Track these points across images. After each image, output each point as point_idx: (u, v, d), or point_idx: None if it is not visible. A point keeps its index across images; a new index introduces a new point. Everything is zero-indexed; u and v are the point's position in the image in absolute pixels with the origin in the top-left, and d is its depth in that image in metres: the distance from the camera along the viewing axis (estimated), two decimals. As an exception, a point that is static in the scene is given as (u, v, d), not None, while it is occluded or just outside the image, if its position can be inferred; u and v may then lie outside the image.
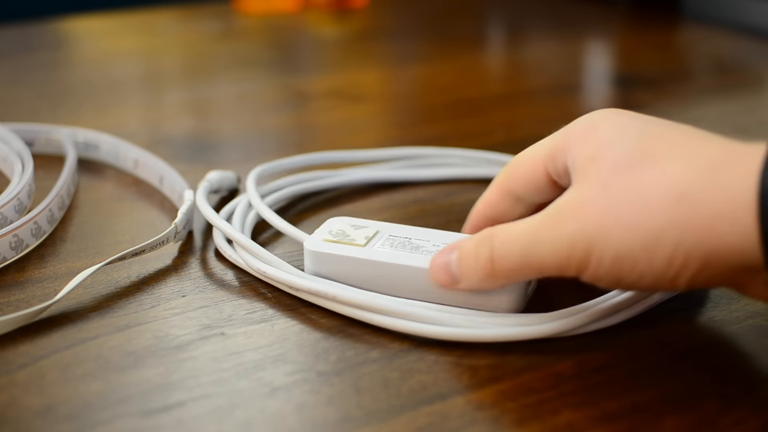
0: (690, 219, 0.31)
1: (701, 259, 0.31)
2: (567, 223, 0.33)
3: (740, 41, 0.88)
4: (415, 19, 1.03)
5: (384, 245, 0.40)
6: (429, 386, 0.34)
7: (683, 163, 0.32)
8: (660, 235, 0.31)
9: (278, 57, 0.88)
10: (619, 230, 0.32)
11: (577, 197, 0.33)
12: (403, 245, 0.40)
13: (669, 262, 0.32)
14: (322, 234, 0.41)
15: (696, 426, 0.32)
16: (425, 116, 0.69)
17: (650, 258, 0.32)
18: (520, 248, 0.34)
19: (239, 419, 0.32)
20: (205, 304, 0.40)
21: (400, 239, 0.40)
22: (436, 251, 0.39)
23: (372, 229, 0.41)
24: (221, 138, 0.63)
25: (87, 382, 0.34)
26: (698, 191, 0.31)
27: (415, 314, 0.37)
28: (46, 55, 0.85)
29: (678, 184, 0.31)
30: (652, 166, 0.32)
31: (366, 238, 0.40)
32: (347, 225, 0.42)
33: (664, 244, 0.31)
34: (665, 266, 0.32)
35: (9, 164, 0.51)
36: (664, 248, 0.31)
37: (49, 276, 0.42)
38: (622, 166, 0.33)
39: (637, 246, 0.32)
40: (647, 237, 0.32)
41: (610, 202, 0.32)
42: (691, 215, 0.31)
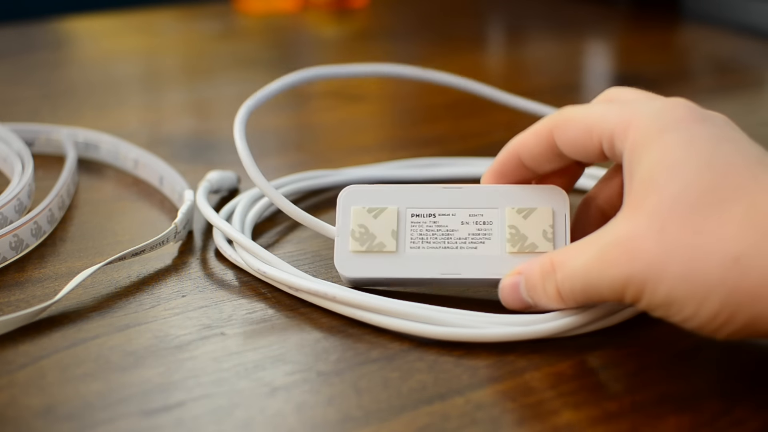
0: (741, 283, 0.31)
1: (746, 320, 0.32)
2: (621, 264, 0.33)
3: (740, 41, 0.88)
4: (415, 19, 1.03)
5: (415, 241, 0.39)
6: (429, 386, 0.34)
7: (744, 218, 0.32)
8: (710, 291, 0.31)
9: (278, 57, 0.88)
10: (669, 279, 0.32)
11: (632, 233, 0.33)
12: (434, 235, 0.39)
13: (714, 317, 0.32)
14: (345, 239, 0.39)
15: (696, 426, 0.32)
16: (425, 116, 0.69)
17: (697, 309, 0.32)
18: (581, 285, 0.35)
19: (239, 419, 0.32)
20: (205, 304, 0.40)
21: (427, 224, 0.39)
22: (470, 238, 0.39)
23: (391, 213, 0.40)
24: (221, 138, 0.63)
25: (87, 382, 0.34)
26: (754, 256, 0.31)
27: (415, 314, 0.37)
28: (46, 55, 0.85)
29: (735, 244, 0.31)
30: (713, 215, 0.32)
31: (393, 234, 0.39)
32: (365, 213, 0.40)
33: (712, 300, 0.31)
34: (710, 319, 0.32)
35: (9, 164, 0.51)
36: (711, 304, 0.32)
37: (49, 276, 0.42)
38: (682, 206, 0.32)
39: (687, 296, 0.32)
40: (697, 290, 0.32)
41: (665, 249, 0.32)
42: (743, 279, 0.31)
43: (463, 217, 0.40)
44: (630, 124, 0.35)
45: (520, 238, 0.39)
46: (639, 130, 0.35)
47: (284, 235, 0.46)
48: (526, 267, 0.37)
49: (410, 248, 0.39)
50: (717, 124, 0.34)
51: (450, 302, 0.39)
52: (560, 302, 0.36)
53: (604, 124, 0.36)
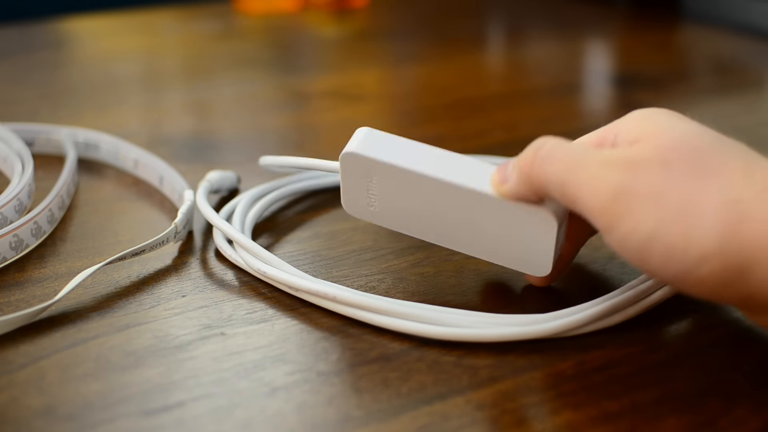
0: (739, 226, 0.31)
1: (736, 269, 0.31)
2: (620, 172, 0.32)
3: (740, 41, 0.88)
4: (414, 19, 1.03)
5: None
6: (429, 386, 0.34)
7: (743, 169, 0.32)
8: (705, 230, 0.31)
9: (278, 57, 0.88)
10: (665, 211, 0.31)
11: (636, 155, 0.33)
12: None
13: (703, 260, 0.31)
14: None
15: (696, 426, 0.32)
16: (425, 116, 0.69)
17: (686, 249, 0.31)
18: (563, 162, 0.33)
19: (239, 419, 0.32)
20: (205, 304, 0.40)
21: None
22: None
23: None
24: (221, 138, 0.63)
25: (87, 382, 0.34)
26: (754, 201, 0.31)
27: (415, 314, 0.37)
28: (47, 55, 0.85)
29: (736, 189, 0.31)
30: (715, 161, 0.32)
31: None
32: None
33: (706, 239, 0.31)
34: (698, 262, 0.31)
35: (9, 164, 0.51)
36: (704, 243, 0.31)
37: (49, 276, 0.42)
38: (686, 145, 0.32)
39: (679, 233, 0.31)
40: (692, 228, 0.31)
41: (666, 180, 0.32)
42: (740, 223, 0.31)
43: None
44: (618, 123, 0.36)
45: None
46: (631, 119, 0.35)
47: (284, 235, 0.46)
48: None
49: None
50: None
51: (450, 302, 0.39)
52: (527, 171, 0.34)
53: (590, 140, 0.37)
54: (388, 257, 0.44)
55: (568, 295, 0.40)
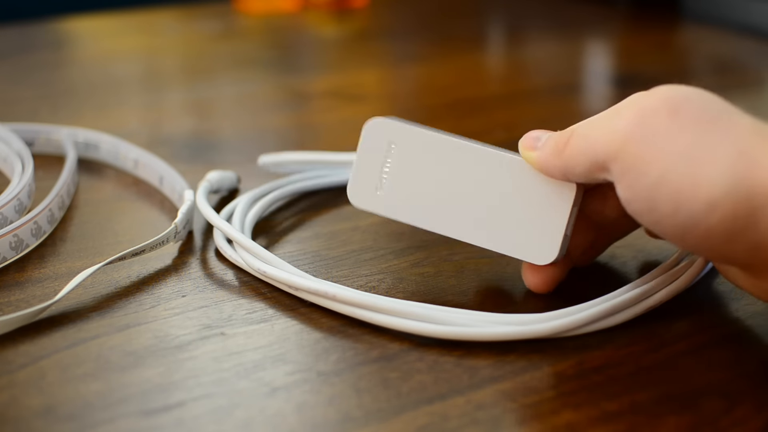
0: (748, 173, 0.31)
1: (745, 216, 0.31)
2: (629, 118, 0.34)
3: (740, 41, 0.88)
4: (415, 19, 1.03)
5: None
6: (429, 386, 0.34)
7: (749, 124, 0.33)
8: (714, 176, 0.31)
9: (278, 57, 0.88)
10: (673, 156, 0.32)
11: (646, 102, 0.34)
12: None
13: (712, 205, 0.31)
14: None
15: (696, 426, 0.32)
16: (425, 116, 0.69)
17: (694, 194, 0.32)
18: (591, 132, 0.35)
19: (239, 419, 0.32)
20: (205, 304, 0.40)
21: None
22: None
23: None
24: (221, 138, 0.63)
25: (87, 382, 0.34)
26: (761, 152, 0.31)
27: (415, 314, 0.37)
28: (46, 55, 0.85)
29: (742, 141, 0.32)
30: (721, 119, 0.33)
31: None
32: None
33: (715, 185, 0.31)
34: (707, 207, 0.32)
35: (9, 164, 0.51)
36: (713, 188, 0.31)
37: (49, 276, 0.42)
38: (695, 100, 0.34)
39: (688, 177, 0.32)
40: (701, 173, 0.32)
41: (674, 126, 0.33)
42: (750, 170, 0.31)
43: None
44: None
45: None
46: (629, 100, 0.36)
47: (284, 235, 0.46)
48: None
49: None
50: None
51: (450, 302, 0.39)
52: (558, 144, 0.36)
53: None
54: (388, 257, 0.44)
55: (568, 295, 0.40)
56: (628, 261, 0.43)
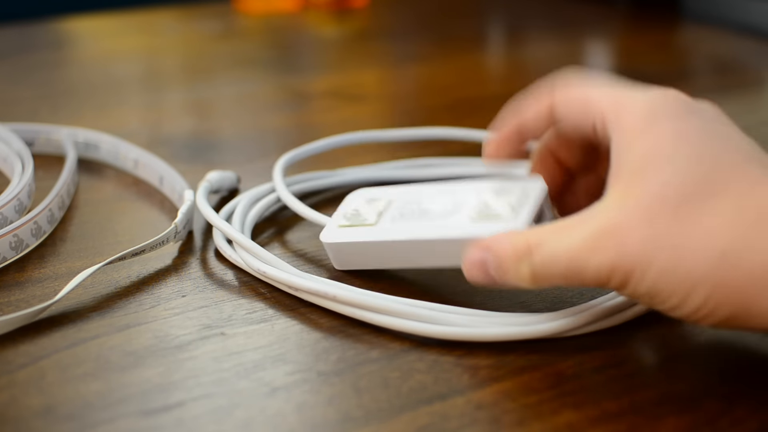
0: (728, 278, 0.31)
1: (731, 313, 0.32)
2: (609, 252, 0.33)
3: (740, 41, 0.88)
4: (415, 19, 1.02)
5: (394, 218, 0.40)
6: (429, 386, 0.34)
7: (732, 212, 0.31)
8: (696, 285, 0.31)
9: (278, 57, 0.88)
10: (656, 270, 0.32)
11: (621, 221, 0.33)
12: (412, 213, 0.40)
13: (699, 308, 0.32)
14: (337, 219, 0.42)
15: (696, 426, 0.32)
16: (425, 116, 0.69)
17: (682, 300, 0.32)
18: (563, 269, 0.34)
19: (239, 419, 0.32)
20: (205, 304, 0.40)
21: (410, 206, 0.41)
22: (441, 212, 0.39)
23: (385, 200, 0.42)
24: (221, 138, 0.63)
25: (87, 382, 0.34)
26: (741, 250, 0.31)
27: (415, 314, 0.37)
28: (46, 55, 0.85)
29: (722, 239, 0.31)
30: (702, 209, 0.32)
31: (378, 214, 0.41)
32: (363, 200, 0.42)
33: (697, 293, 0.32)
34: (695, 310, 0.32)
35: (9, 164, 0.51)
36: (697, 296, 0.32)
37: (49, 276, 0.42)
38: (671, 198, 0.32)
39: (672, 288, 0.32)
40: (683, 283, 0.32)
41: (653, 240, 0.32)
42: (729, 274, 0.31)
43: (444, 199, 0.41)
44: (622, 108, 0.35)
45: (486, 208, 0.39)
46: (632, 115, 0.35)
47: (284, 235, 0.46)
48: (495, 244, 0.36)
49: (387, 222, 0.40)
50: (708, 118, 0.35)
51: (450, 302, 0.39)
52: (532, 284, 0.35)
53: (600, 104, 0.36)
54: (388, 257, 0.44)
55: (568, 295, 0.40)
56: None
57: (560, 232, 0.34)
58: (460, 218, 0.39)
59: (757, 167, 0.33)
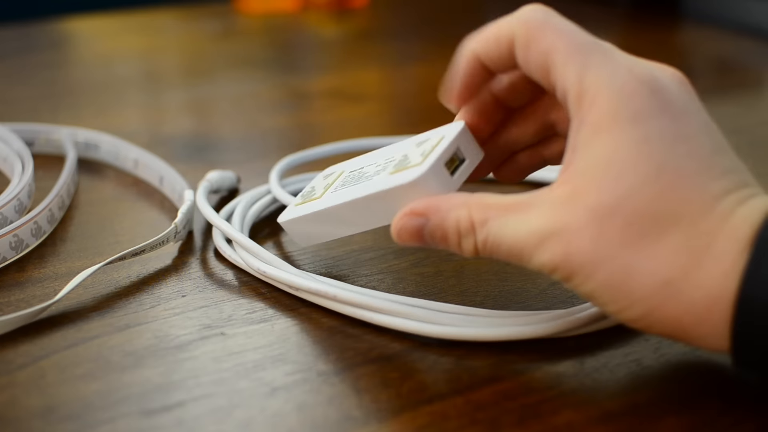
0: (665, 306, 0.31)
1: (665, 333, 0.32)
2: (555, 253, 0.32)
3: (740, 41, 0.88)
4: (415, 19, 1.03)
5: (337, 188, 0.40)
6: (429, 386, 0.34)
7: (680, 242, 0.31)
8: (633, 303, 0.32)
9: (278, 57, 0.88)
10: (596, 282, 0.32)
11: (568, 222, 0.32)
12: (353, 179, 0.40)
13: (634, 321, 0.32)
14: (296, 200, 0.43)
15: (696, 426, 0.32)
16: (425, 116, 0.69)
17: (618, 311, 0.32)
18: (506, 251, 0.34)
19: (239, 419, 0.32)
20: (205, 304, 0.40)
21: (354, 173, 0.40)
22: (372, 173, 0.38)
23: (337, 173, 0.42)
24: (221, 138, 0.63)
25: (87, 382, 0.34)
26: (682, 282, 0.31)
27: (415, 314, 0.37)
28: (46, 55, 0.85)
29: (667, 267, 0.31)
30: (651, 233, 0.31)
31: (325, 187, 0.41)
32: (321, 177, 0.43)
33: (633, 310, 0.32)
34: (631, 320, 0.32)
35: (9, 164, 0.51)
36: (632, 312, 0.32)
37: (49, 276, 0.42)
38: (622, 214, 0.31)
39: (610, 300, 0.32)
40: (620, 299, 0.32)
41: (599, 253, 0.32)
42: (667, 302, 0.31)
43: (377, 160, 0.40)
44: (587, 94, 0.33)
45: (404, 160, 0.38)
46: (596, 108, 0.33)
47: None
48: (433, 211, 0.35)
49: (330, 193, 0.40)
50: (675, 113, 0.33)
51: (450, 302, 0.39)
52: (475, 255, 0.35)
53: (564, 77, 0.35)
54: (388, 257, 0.44)
55: (568, 295, 0.40)
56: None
57: (506, 213, 0.34)
58: (383, 175, 0.38)
59: (718, 176, 0.32)
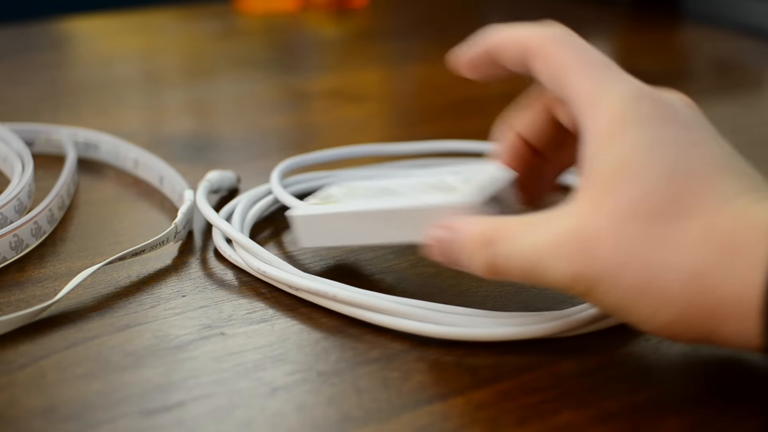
0: (698, 299, 0.31)
1: (702, 333, 0.31)
2: (576, 260, 0.32)
3: (740, 41, 0.88)
4: (415, 19, 1.03)
5: (359, 197, 0.40)
6: (429, 386, 0.34)
7: (705, 231, 0.31)
8: (664, 304, 0.31)
9: (278, 57, 0.88)
10: (623, 286, 0.31)
11: (589, 230, 0.32)
12: (377, 192, 0.40)
13: (667, 326, 0.32)
14: (309, 200, 0.42)
15: (696, 426, 0.32)
16: (425, 116, 0.69)
17: (650, 317, 0.32)
18: (520, 268, 0.33)
19: (239, 419, 0.32)
20: (205, 304, 0.40)
21: (382, 189, 0.41)
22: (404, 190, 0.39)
23: (360, 187, 0.42)
24: (221, 138, 0.63)
25: (87, 382, 0.34)
26: (712, 271, 0.30)
27: (415, 314, 0.37)
28: (46, 55, 0.85)
29: (695, 259, 0.30)
30: (673, 227, 0.31)
31: (345, 195, 0.41)
32: (338, 187, 0.43)
33: (665, 312, 0.31)
34: (662, 328, 0.32)
35: (9, 164, 0.51)
36: (665, 315, 0.31)
37: (49, 276, 0.42)
38: (642, 213, 0.31)
39: (640, 305, 0.31)
40: (651, 301, 0.31)
41: (623, 254, 0.31)
42: (700, 295, 0.30)
43: (409, 181, 0.40)
44: (598, 104, 0.34)
45: (442, 183, 0.38)
46: (605, 116, 0.33)
47: (284, 235, 0.46)
48: (460, 225, 0.35)
49: (352, 199, 0.40)
50: (683, 122, 0.33)
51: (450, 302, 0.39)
52: (488, 274, 0.35)
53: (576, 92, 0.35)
54: (388, 257, 0.44)
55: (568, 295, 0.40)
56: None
57: (527, 228, 0.34)
58: (416, 192, 0.38)
59: (730, 180, 0.32)
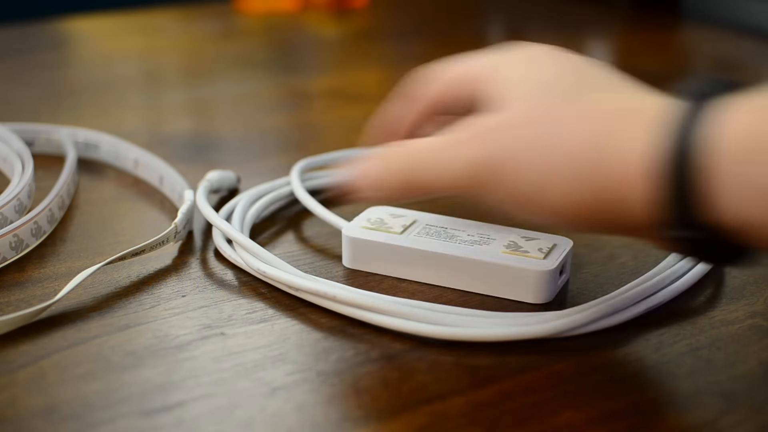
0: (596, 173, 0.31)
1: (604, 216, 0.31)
2: (477, 147, 0.33)
3: (740, 41, 0.88)
4: (415, 19, 1.03)
5: (420, 234, 0.41)
6: (429, 386, 0.34)
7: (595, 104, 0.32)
8: (567, 183, 0.31)
9: (278, 57, 0.88)
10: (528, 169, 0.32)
11: (490, 122, 0.34)
12: (438, 234, 0.41)
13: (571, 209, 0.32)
14: (360, 222, 0.43)
15: (696, 426, 0.32)
16: (425, 116, 0.69)
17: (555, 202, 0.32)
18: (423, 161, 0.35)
19: (239, 419, 0.32)
20: (205, 304, 0.40)
21: (436, 228, 0.42)
22: (470, 240, 0.40)
23: (410, 218, 0.43)
24: (221, 138, 0.63)
25: (87, 382, 0.34)
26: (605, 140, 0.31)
27: (415, 314, 0.37)
28: (46, 55, 0.85)
29: (588, 131, 0.31)
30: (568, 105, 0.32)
31: (403, 227, 0.42)
32: (386, 213, 0.43)
33: (569, 192, 0.31)
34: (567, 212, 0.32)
35: (9, 164, 0.51)
36: (568, 196, 0.32)
37: (49, 276, 0.42)
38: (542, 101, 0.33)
39: (545, 187, 0.32)
40: (555, 183, 0.32)
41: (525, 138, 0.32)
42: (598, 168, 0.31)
43: (470, 230, 0.42)
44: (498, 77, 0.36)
45: (516, 246, 0.40)
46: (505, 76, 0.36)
47: (284, 235, 0.46)
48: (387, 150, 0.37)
49: (413, 235, 0.41)
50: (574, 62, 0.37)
51: (450, 302, 0.39)
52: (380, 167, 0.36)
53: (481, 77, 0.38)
54: (388, 257, 0.44)
55: (568, 295, 0.40)
56: (627, 261, 0.43)
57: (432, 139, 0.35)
58: (491, 248, 0.40)
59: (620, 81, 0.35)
